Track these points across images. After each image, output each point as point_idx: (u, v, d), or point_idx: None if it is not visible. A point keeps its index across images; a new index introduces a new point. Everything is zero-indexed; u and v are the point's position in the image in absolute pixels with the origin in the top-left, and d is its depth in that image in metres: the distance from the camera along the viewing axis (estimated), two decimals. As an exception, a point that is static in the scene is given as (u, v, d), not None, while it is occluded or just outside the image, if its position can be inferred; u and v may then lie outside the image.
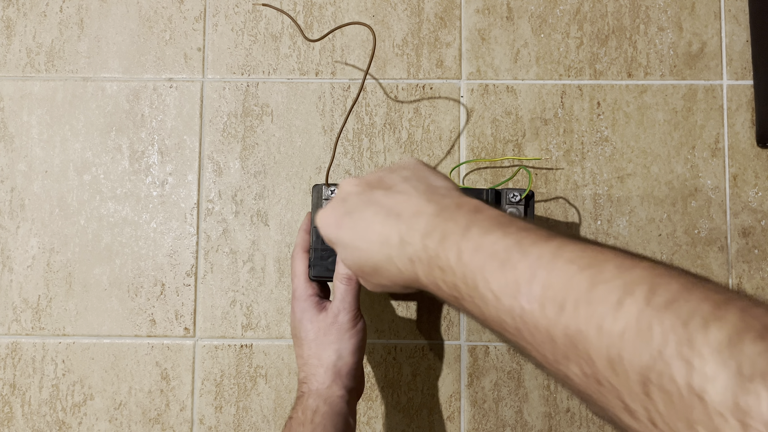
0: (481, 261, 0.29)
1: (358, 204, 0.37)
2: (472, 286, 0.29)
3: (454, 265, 0.30)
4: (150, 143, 0.63)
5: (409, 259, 0.33)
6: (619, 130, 0.62)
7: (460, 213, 0.32)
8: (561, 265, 0.27)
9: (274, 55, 0.64)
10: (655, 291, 0.23)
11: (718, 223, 0.61)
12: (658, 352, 0.22)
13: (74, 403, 0.61)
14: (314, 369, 0.48)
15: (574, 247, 0.27)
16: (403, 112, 0.63)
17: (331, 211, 0.40)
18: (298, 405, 0.47)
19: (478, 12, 0.64)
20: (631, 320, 0.23)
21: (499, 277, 0.28)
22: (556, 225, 0.61)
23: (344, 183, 0.41)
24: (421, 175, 0.38)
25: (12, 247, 0.62)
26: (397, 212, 0.35)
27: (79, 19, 0.64)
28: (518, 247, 0.28)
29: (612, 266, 0.25)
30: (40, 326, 0.61)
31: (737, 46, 0.63)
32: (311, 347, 0.48)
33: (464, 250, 0.30)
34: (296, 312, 0.50)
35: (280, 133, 0.63)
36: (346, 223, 0.38)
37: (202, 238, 0.62)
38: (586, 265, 0.26)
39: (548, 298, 0.26)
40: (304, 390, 0.48)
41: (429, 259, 0.32)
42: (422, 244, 0.32)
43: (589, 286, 0.25)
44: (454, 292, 0.31)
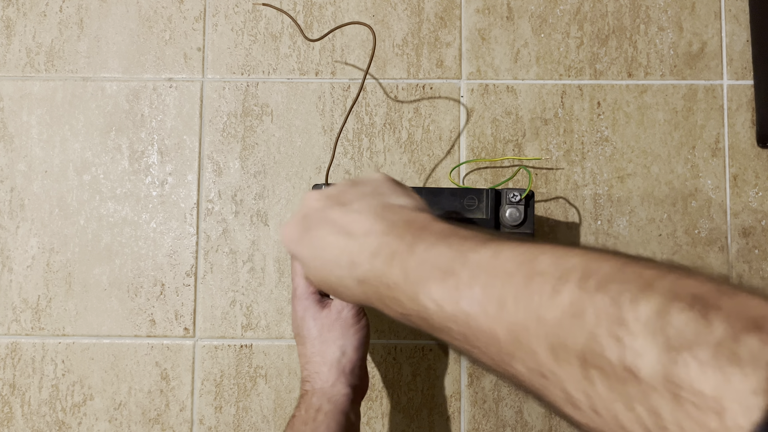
0: (424, 274, 0.29)
1: (316, 221, 0.37)
2: (414, 299, 0.29)
3: (401, 282, 0.30)
4: (150, 143, 0.63)
5: (358, 281, 0.33)
6: (619, 130, 0.62)
7: (408, 230, 0.32)
8: (499, 264, 0.27)
9: (274, 55, 0.64)
10: (588, 275, 0.23)
11: (718, 223, 0.61)
12: (591, 333, 0.22)
13: (74, 403, 0.61)
14: (318, 367, 0.48)
15: (511, 245, 0.28)
16: (403, 112, 0.63)
17: (292, 225, 0.39)
18: (302, 403, 0.47)
19: (478, 12, 0.64)
20: (566, 306, 0.23)
21: (441, 285, 0.28)
22: (554, 230, 0.61)
23: (307, 196, 0.40)
24: (380, 191, 0.38)
25: (12, 247, 0.62)
26: (348, 231, 0.34)
27: (78, 19, 0.64)
28: (459, 256, 0.28)
29: (547, 257, 0.25)
30: (39, 326, 0.61)
31: (737, 46, 0.63)
32: (315, 345, 0.48)
33: (410, 266, 0.30)
34: (298, 310, 0.50)
35: (280, 133, 0.63)
36: (305, 240, 0.37)
37: (201, 238, 0.62)
38: (523, 260, 0.26)
39: (489, 298, 0.26)
40: (307, 388, 0.48)
41: (377, 278, 0.32)
42: (370, 264, 0.32)
43: (526, 280, 0.25)
44: (400, 309, 0.31)
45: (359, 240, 0.34)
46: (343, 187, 0.39)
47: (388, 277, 0.31)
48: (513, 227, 0.50)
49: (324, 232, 0.36)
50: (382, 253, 0.32)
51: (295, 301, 0.50)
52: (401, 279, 0.30)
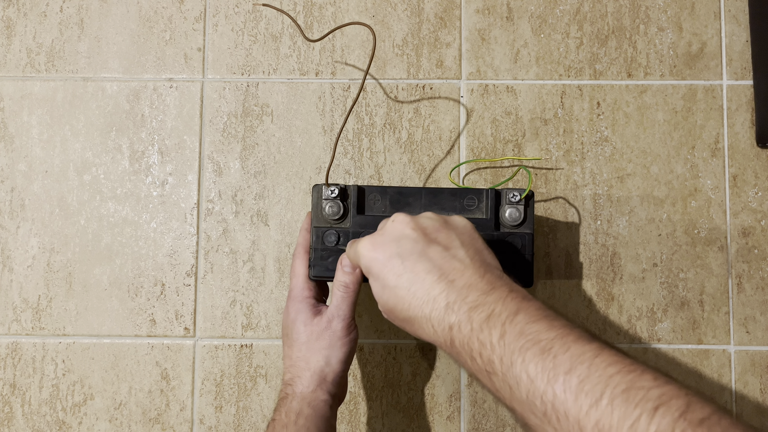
0: (523, 344, 0.31)
1: (412, 252, 0.38)
2: (508, 364, 0.31)
3: (496, 342, 0.32)
4: (150, 143, 0.63)
5: (449, 325, 0.35)
6: (619, 130, 0.62)
7: (510, 297, 0.34)
8: (600, 364, 0.29)
9: (274, 55, 0.64)
10: (690, 406, 0.26)
11: (718, 223, 0.61)
12: None
13: (74, 403, 0.61)
14: (301, 372, 0.48)
15: (614, 352, 0.30)
16: (403, 112, 0.63)
17: (381, 246, 0.40)
18: (282, 407, 0.47)
19: (478, 12, 0.64)
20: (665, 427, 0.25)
21: (538, 361, 0.30)
22: (553, 230, 0.61)
23: (399, 222, 0.41)
24: (477, 246, 0.40)
25: (12, 247, 0.62)
26: (450, 279, 0.36)
27: (79, 19, 0.64)
28: (561, 341, 0.31)
29: (649, 376, 0.27)
30: (40, 326, 0.61)
31: (737, 46, 0.63)
32: (301, 350, 0.48)
33: (509, 331, 0.32)
34: (290, 312, 0.50)
35: (280, 133, 0.63)
36: (395, 266, 0.38)
37: (202, 238, 0.62)
38: (625, 370, 0.28)
39: (584, 390, 0.28)
40: (288, 392, 0.48)
41: (471, 330, 0.34)
42: (468, 315, 0.34)
43: (626, 388, 0.27)
44: (487, 367, 0.32)
45: (460, 290, 0.35)
46: (438, 225, 0.40)
47: (484, 336, 0.33)
48: (513, 227, 0.50)
49: (421, 267, 0.37)
50: (482, 310, 0.34)
51: (290, 303, 0.50)
52: (497, 341, 0.32)
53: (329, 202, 0.50)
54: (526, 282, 0.50)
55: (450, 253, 0.38)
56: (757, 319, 0.61)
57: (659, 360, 0.60)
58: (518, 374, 0.31)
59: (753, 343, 0.60)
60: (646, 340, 0.61)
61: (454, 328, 0.35)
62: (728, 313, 0.61)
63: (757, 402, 0.60)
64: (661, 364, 0.60)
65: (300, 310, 0.49)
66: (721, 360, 0.60)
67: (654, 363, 0.60)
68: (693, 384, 0.60)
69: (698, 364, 0.60)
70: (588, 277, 0.61)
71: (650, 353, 0.60)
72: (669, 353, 0.60)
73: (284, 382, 0.49)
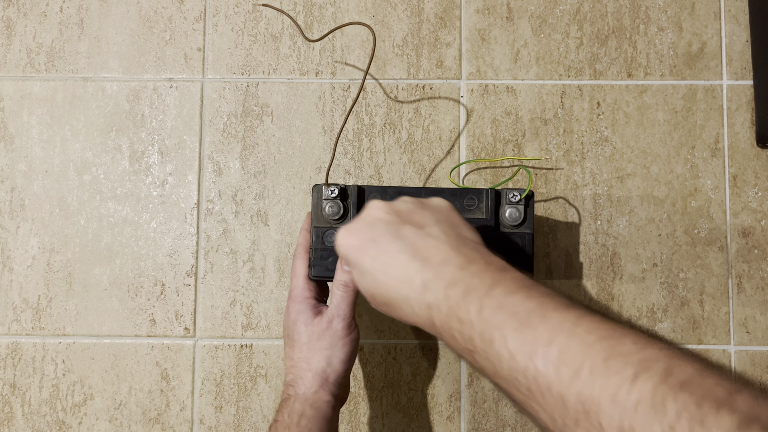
0: (501, 319, 0.30)
1: (385, 234, 0.37)
2: (488, 341, 0.30)
3: (474, 318, 0.31)
4: (150, 143, 0.63)
5: (427, 305, 0.34)
6: (619, 130, 0.62)
7: (488, 270, 0.33)
8: (580, 332, 0.28)
9: (274, 55, 0.64)
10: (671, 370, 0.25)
11: (718, 223, 0.61)
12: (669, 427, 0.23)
13: (74, 403, 0.61)
14: (302, 372, 0.48)
15: (593, 318, 0.29)
16: (403, 112, 0.63)
17: (355, 232, 0.39)
18: (284, 408, 0.47)
19: (478, 12, 0.64)
20: (646, 394, 0.24)
21: (518, 336, 0.29)
22: (553, 230, 0.61)
23: (372, 206, 0.40)
24: (453, 221, 0.39)
25: (12, 247, 0.62)
26: (424, 256, 0.35)
27: (79, 19, 0.64)
28: (540, 311, 0.29)
29: (630, 341, 0.27)
30: (40, 326, 0.61)
31: (737, 46, 0.63)
32: (302, 350, 0.48)
33: (486, 306, 0.31)
34: (291, 313, 0.50)
35: (280, 133, 0.63)
36: (370, 250, 0.38)
37: (202, 238, 0.62)
38: (605, 336, 0.27)
39: (565, 362, 0.27)
40: (290, 393, 0.48)
41: (449, 309, 0.32)
42: (445, 293, 0.33)
43: (606, 356, 0.26)
44: (468, 345, 0.32)
45: (435, 267, 0.34)
46: (412, 206, 0.40)
47: (462, 312, 0.32)
48: (513, 227, 0.50)
49: (394, 248, 0.36)
50: (459, 286, 0.33)
51: (290, 303, 0.50)
52: (476, 317, 0.31)
53: (329, 202, 0.50)
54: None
55: (424, 231, 0.37)
56: (757, 319, 0.61)
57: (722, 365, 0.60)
58: (499, 350, 0.30)
59: (753, 343, 0.60)
60: (646, 340, 0.60)
61: (432, 308, 0.34)
62: (728, 313, 0.61)
63: (757, 402, 0.60)
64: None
65: (301, 310, 0.49)
66: (721, 360, 0.60)
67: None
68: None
69: (698, 364, 0.60)
70: (588, 277, 0.61)
71: (650, 353, 0.60)
72: (669, 353, 0.60)
73: (286, 383, 0.49)
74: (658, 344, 0.27)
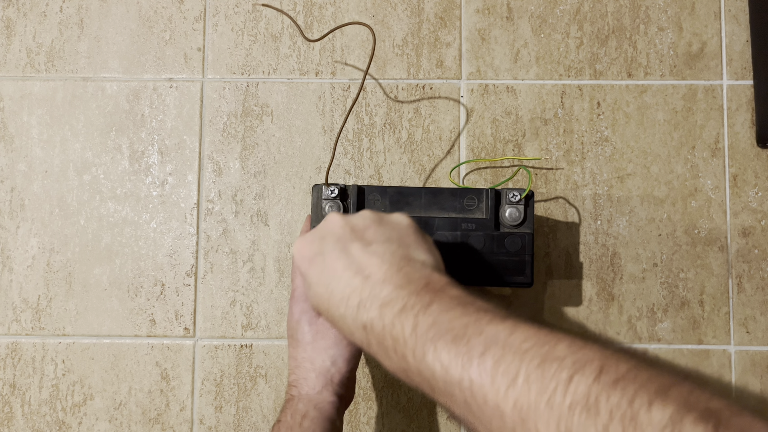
0: (434, 333, 0.30)
1: (333, 249, 0.37)
2: (420, 357, 0.30)
3: (408, 336, 0.30)
4: (150, 143, 0.63)
5: (362, 325, 0.33)
6: (619, 130, 0.62)
7: (426, 289, 0.32)
8: (514, 341, 0.27)
9: (274, 55, 0.64)
10: (604, 369, 0.24)
11: (718, 223, 0.61)
12: (603, 427, 0.23)
13: (74, 403, 0.61)
14: (306, 373, 0.47)
15: (529, 326, 0.28)
16: (403, 112, 0.63)
17: (308, 243, 0.39)
18: (287, 408, 0.47)
19: (478, 12, 0.64)
20: (580, 396, 0.24)
21: (451, 348, 0.29)
22: (553, 230, 0.61)
23: (329, 219, 0.40)
24: (405, 240, 0.38)
25: (12, 247, 0.62)
26: (365, 274, 0.34)
27: (79, 19, 0.64)
28: (475, 325, 0.29)
29: (564, 345, 0.26)
30: (40, 326, 0.61)
31: (737, 46, 0.63)
32: (306, 350, 0.48)
33: (421, 323, 0.30)
34: (294, 313, 0.49)
35: (280, 133, 0.63)
36: (317, 263, 0.37)
37: (202, 238, 0.62)
38: (539, 342, 0.27)
39: (500, 372, 0.27)
40: (293, 393, 0.47)
41: (383, 328, 0.32)
42: (379, 312, 0.32)
43: (541, 362, 0.26)
44: (402, 363, 0.31)
45: (373, 285, 0.34)
46: (369, 222, 0.39)
47: (396, 331, 0.31)
48: (513, 227, 0.50)
49: (339, 264, 0.36)
50: (394, 305, 0.32)
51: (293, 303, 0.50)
52: (409, 334, 0.31)
53: (329, 202, 0.50)
54: (526, 282, 0.50)
55: (370, 249, 0.36)
56: (757, 319, 0.61)
57: (659, 360, 0.60)
58: (432, 365, 0.29)
59: (753, 343, 0.60)
60: (646, 340, 0.61)
61: (367, 327, 0.33)
62: (728, 313, 0.61)
63: (758, 402, 0.60)
64: (661, 364, 0.60)
65: (304, 310, 0.48)
66: (721, 360, 0.60)
67: (654, 363, 0.60)
68: (693, 384, 0.60)
69: (698, 364, 0.60)
70: (588, 277, 0.61)
71: (650, 353, 0.60)
72: (669, 353, 0.60)
73: (289, 384, 0.48)
74: (594, 346, 0.26)
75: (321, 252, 0.38)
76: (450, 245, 0.50)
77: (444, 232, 0.50)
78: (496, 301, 0.32)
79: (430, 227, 0.50)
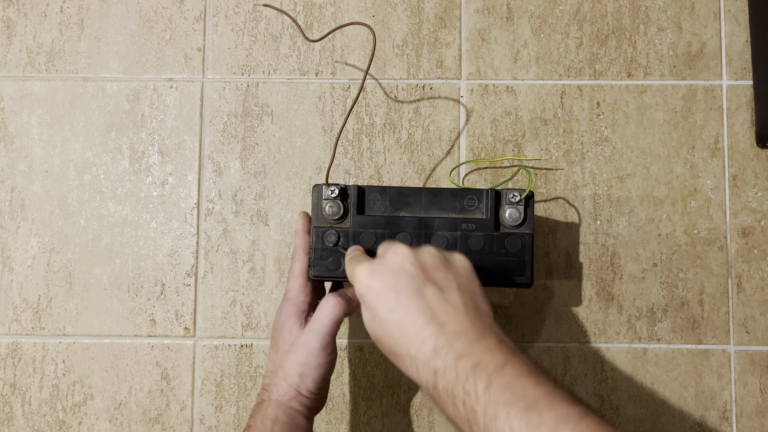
0: (508, 397, 0.31)
1: (408, 288, 0.38)
2: (491, 416, 0.31)
3: (481, 392, 0.32)
4: (150, 143, 0.63)
5: (434, 369, 0.35)
6: (618, 130, 0.63)
7: (499, 349, 0.34)
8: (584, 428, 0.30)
9: (274, 55, 0.64)
10: None
11: (717, 223, 0.61)
12: None
13: (74, 403, 0.61)
14: (279, 380, 0.47)
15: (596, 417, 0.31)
16: (403, 112, 0.63)
17: (378, 276, 0.39)
18: (257, 413, 0.46)
19: (478, 12, 0.64)
20: None
21: (523, 417, 0.30)
22: (553, 230, 0.62)
23: (400, 254, 0.40)
24: (472, 290, 0.40)
25: (12, 247, 0.62)
26: (441, 322, 0.36)
27: (79, 19, 0.64)
28: (547, 399, 0.31)
29: None
30: (40, 326, 0.61)
31: (737, 46, 0.63)
32: (281, 358, 0.47)
33: (494, 383, 0.32)
34: (282, 315, 0.49)
35: (280, 133, 0.63)
36: (389, 299, 0.38)
37: (202, 238, 0.62)
38: None
39: None
40: (264, 397, 0.47)
41: (456, 378, 0.34)
42: (454, 362, 0.34)
43: None
44: (469, 416, 0.33)
45: (450, 336, 0.35)
46: (437, 263, 0.40)
47: (470, 384, 0.33)
48: (513, 227, 0.50)
49: (413, 305, 0.37)
50: (470, 358, 0.34)
51: (284, 303, 0.50)
52: (482, 392, 0.32)
53: (329, 202, 0.50)
54: (526, 282, 0.50)
55: (444, 296, 0.38)
56: (756, 319, 0.61)
57: (659, 360, 0.60)
58: (501, 427, 0.31)
59: (753, 343, 0.60)
60: (646, 340, 0.61)
61: (438, 373, 0.35)
62: (728, 313, 0.61)
63: (757, 402, 0.60)
64: (661, 364, 0.60)
65: (290, 314, 0.48)
66: (721, 360, 0.60)
67: (654, 363, 0.60)
68: (693, 384, 0.60)
69: (698, 364, 0.60)
70: (588, 277, 0.61)
71: (650, 353, 0.61)
72: (669, 353, 0.61)
73: (263, 387, 0.48)
74: None
75: (394, 288, 0.38)
76: (450, 245, 0.50)
77: (444, 233, 0.50)
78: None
79: (430, 227, 0.50)
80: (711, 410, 0.60)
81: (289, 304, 0.49)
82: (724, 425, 0.60)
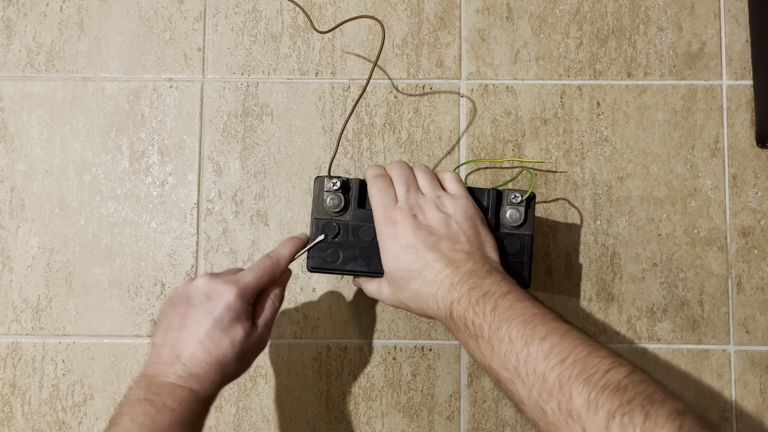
0: (510, 315, 0.39)
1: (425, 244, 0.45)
2: (494, 329, 0.39)
3: (488, 313, 0.40)
4: (150, 143, 0.63)
5: (450, 301, 0.43)
6: (618, 130, 0.62)
7: (504, 282, 0.42)
8: (570, 337, 0.37)
9: (274, 55, 0.64)
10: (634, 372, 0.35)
11: (717, 223, 0.61)
12: (627, 400, 0.33)
13: (74, 403, 0.61)
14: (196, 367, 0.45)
15: (581, 332, 0.38)
16: (403, 112, 0.63)
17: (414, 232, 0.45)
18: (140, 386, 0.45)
19: (478, 12, 0.64)
20: (613, 382, 0.34)
21: (520, 327, 0.38)
22: (553, 230, 0.61)
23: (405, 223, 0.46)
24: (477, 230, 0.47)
25: (12, 247, 0.62)
26: (456, 264, 0.44)
27: (79, 19, 0.64)
28: (542, 317, 0.39)
29: (606, 351, 0.36)
30: (40, 326, 0.61)
31: (737, 46, 0.63)
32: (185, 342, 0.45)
33: (500, 305, 0.40)
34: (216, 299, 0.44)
35: (280, 133, 0.63)
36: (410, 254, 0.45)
37: (202, 238, 0.62)
38: (588, 343, 0.37)
39: (553, 353, 0.36)
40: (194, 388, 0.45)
41: (468, 304, 0.41)
42: (467, 293, 0.42)
43: (587, 354, 0.36)
44: (477, 332, 0.40)
45: (463, 274, 0.43)
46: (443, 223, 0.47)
47: (479, 307, 0.41)
48: (513, 228, 0.50)
49: (432, 256, 0.45)
50: (480, 289, 0.42)
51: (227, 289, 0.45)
52: (489, 312, 0.40)
53: (331, 194, 0.50)
54: (524, 283, 0.50)
55: (456, 247, 0.45)
56: (756, 319, 0.61)
57: (659, 360, 0.60)
58: (502, 336, 0.39)
59: (753, 343, 0.60)
60: (646, 340, 0.61)
61: (454, 303, 0.42)
62: (728, 313, 0.61)
63: (757, 402, 0.60)
64: (661, 364, 0.60)
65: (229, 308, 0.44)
66: (721, 360, 0.60)
67: (654, 363, 0.60)
68: (693, 384, 0.60)
69: (698, 364, 0.60)
70: (588, 277, 0.61)
71: (650, 353, 0.61)
72: (669, 353, 0.61)
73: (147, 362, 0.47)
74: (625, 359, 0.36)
75: (413, 246, 0.45)
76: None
77: (444, 233, 0.50)
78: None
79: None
80: (711, 410, 0.60)
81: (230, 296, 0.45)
82: (724, 425, 0.60)
